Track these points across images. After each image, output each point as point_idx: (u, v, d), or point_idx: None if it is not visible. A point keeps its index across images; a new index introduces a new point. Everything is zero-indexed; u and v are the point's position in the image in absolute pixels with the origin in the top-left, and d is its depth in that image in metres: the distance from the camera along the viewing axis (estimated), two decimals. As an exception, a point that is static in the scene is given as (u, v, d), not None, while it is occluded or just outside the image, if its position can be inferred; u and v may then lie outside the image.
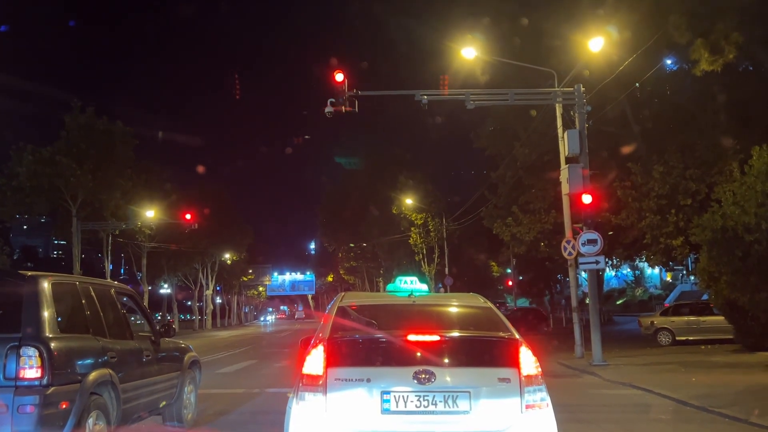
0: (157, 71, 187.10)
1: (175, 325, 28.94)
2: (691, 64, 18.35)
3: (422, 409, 4.80)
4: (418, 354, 4.93)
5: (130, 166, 39.16)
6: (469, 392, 4.82)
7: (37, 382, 5.47)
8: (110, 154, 37.17)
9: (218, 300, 78.22)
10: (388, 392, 4.81)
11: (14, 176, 34.20)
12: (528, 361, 5.00)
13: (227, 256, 67.94)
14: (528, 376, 4.92)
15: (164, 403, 8.24)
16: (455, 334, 5.41)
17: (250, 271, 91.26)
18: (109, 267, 41.35)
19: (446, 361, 4.97)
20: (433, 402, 4.80)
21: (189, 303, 68.99)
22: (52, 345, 5.65)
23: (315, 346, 5.08)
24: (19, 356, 5.47)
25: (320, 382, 4.85)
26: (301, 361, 5.11)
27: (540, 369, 5.06)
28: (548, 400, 5.00)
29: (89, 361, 6.25)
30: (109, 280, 22.97)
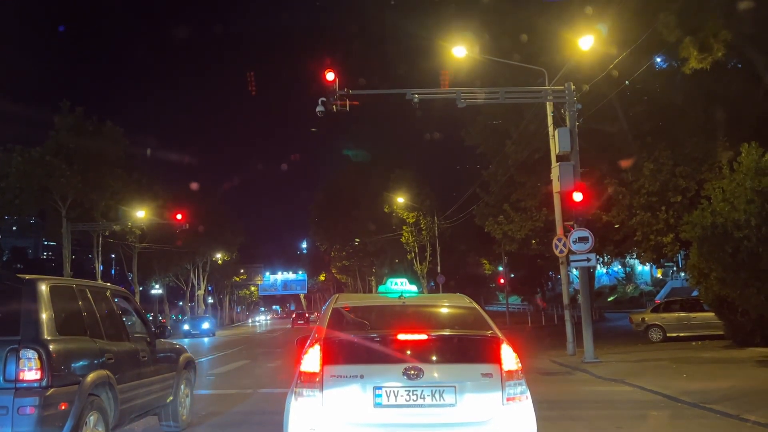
0: (147, 69, 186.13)
1: (169, 326, 28.92)
2: (681, 62, 18.46)
3: (411, 402, 5.14)
4: (408, 352, 5.29)
5: (121, 166, 39.03)
6: (454, 387, 5.17)
7: (36, 384, 5.55)
8: (100, 154, 37.02)
9: (210, 300, 78.07)
10: (380, 387, 5.15)
11: (3, 177, 34.02)
12: (509, 357, 5.34)
13: (218, 255, 67.83)
14: (509, 372, 5.27)
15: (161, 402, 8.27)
16: (442, 333, 5.77)
17: (242, 271, 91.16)
18: (99, 268, 41.20)
19: (433, 358, 5.32)
20: (422, 396, 5.15)
21: (180, 303, 68.84)
22: (51, 347, 5.71)
23: (312, 345, 5.38)
24: (18, 358, 5.55)
25: (317, 379, 5.18)
26: (299, 360, 5.39)
27: (520, 365, 5.38)
28: (528, 393, 5.36)
29: (87, 362, 6.31)
30: (100, 281, 22.92)
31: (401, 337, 5.39)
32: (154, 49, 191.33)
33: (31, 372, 5.54)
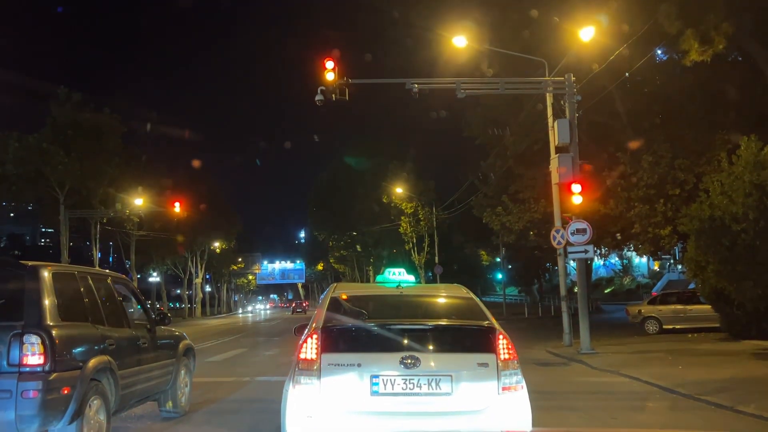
0: (144, 54, 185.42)
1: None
2: (681, 54, 18.44)
3: (408, 391, 5.20)
4: (405, 341, 5.34)
5: (118, 153, 38.97)
6: (450, 376, 5.22)
7: (39, 368, 5.62)
8: (98, 141, 36.96)
9: (207, 288, 78.17)
10: (377, 376, 5.21)
11: (0, 164, 33.96)
12: (505, 347, 5.40)
13: (216, 244, 67.89)
14: (504, 361, 5.33)
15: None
16: (438, 322, 5.85)
17: (240, 259, 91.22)
18: (97, 255, 41.23)
19: (430, 347, 5.36)
20: (418, 385, 5.20)
21: (178, 291, 68.97)
22: (54, 333, 5.77)
23: (310, 333, 5.41)
24: (22, 343, 5.61)
25: (315, 367, 5.23)
26: (297, 348, 5.44)
27: (516, 355, 5.44)
28: (523, 383, 5.42)
29: (89, 348, 6.37)
30: (98, 268, 22.93)
31: (398, 326, 5.44)
32: (151, 29, 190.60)
33: (34, 356, 5.61)
